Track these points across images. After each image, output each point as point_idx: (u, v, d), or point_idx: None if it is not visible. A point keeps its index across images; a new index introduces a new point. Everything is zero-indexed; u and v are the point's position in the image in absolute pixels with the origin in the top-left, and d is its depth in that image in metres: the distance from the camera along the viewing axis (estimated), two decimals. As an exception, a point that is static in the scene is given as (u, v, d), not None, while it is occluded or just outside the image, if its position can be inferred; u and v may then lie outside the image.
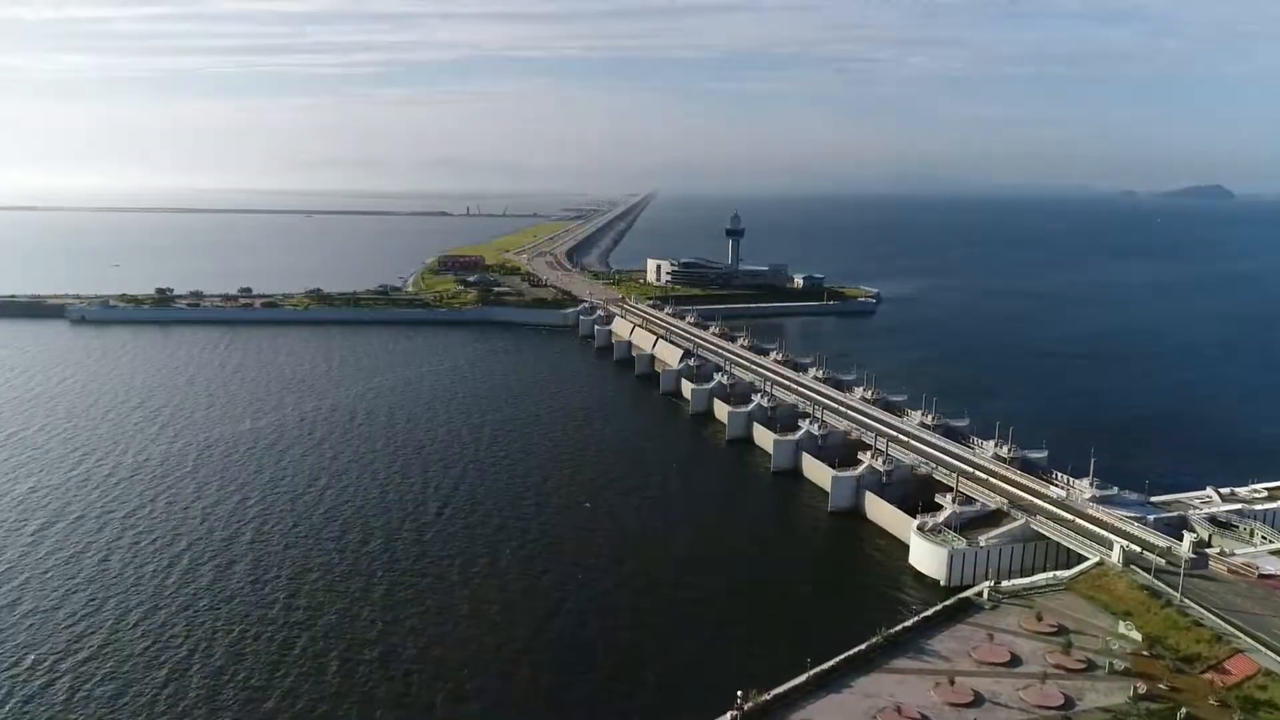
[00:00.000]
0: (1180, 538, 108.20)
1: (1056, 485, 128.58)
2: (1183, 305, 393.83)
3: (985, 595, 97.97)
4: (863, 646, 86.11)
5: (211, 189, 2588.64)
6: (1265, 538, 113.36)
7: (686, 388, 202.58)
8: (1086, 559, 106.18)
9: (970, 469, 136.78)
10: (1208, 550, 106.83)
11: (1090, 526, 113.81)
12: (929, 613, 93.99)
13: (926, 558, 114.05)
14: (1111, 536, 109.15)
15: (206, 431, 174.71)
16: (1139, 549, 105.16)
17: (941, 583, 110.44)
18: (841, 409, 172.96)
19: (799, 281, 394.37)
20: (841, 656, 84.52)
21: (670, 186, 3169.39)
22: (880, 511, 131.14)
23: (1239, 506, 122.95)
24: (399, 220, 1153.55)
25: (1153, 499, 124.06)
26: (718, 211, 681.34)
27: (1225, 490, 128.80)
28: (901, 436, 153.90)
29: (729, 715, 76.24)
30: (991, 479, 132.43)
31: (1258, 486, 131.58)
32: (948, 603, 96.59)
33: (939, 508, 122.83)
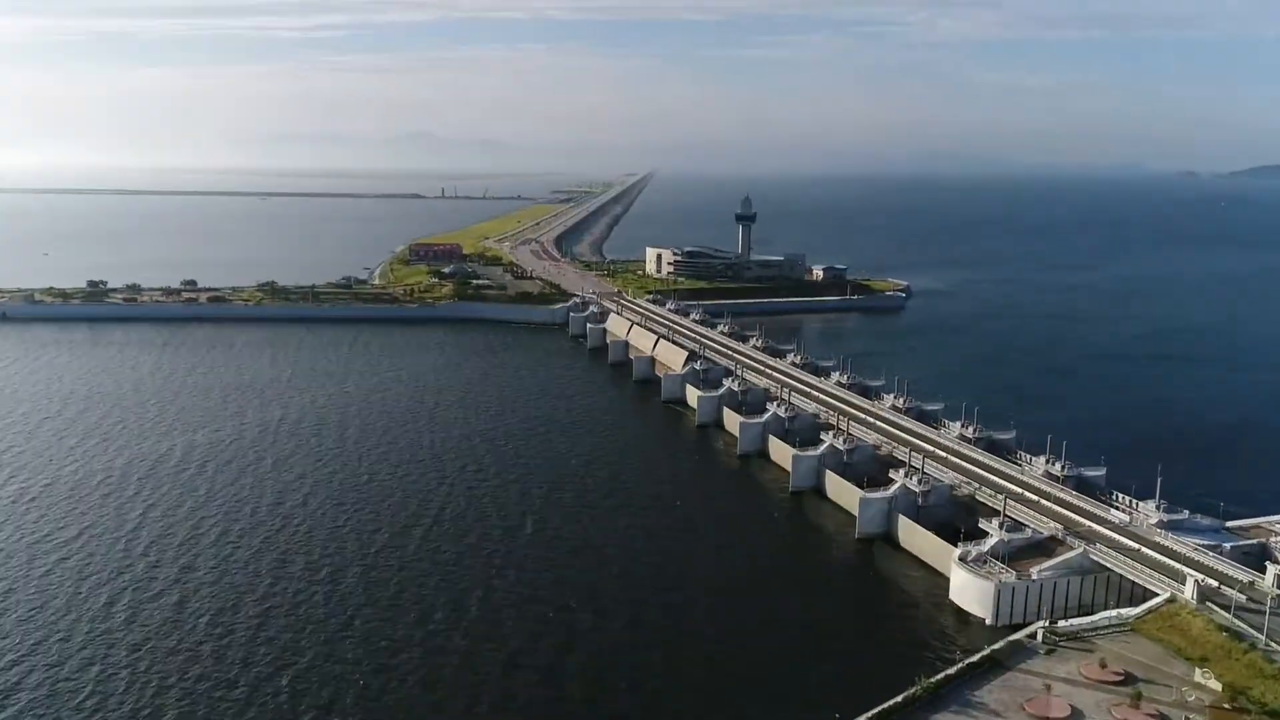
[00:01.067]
0: (1263, 569, 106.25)
1: (1118, 508, 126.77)
2: (1257, 300, 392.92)
3: (1039, 637, 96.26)
4: (899, 699, 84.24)
5: (158, 167, 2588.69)
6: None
7: (692, 395, 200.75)
8: (1155, 595, 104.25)
9: (1018, 490, 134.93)
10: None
11: (1158, 557, 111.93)
12: (975, 658, 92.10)
13: (970, 592, 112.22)
14: (1183, 568, 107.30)
15: (150, 445, 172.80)
16: (1216, 583, 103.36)
17: (988, 622, 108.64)
18: (869, 420, 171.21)
19: (818, 273, 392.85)
20: (875, 710, 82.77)
21: (671, 166, 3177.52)
22: (916, 538, 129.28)
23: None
24: (366, 203, 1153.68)
25: (1228, 524, 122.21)
26: (725, 194, 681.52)
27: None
28: (939, 452, 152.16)
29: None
30: (1043, 501, 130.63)
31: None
32: (996, 646, 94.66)
33: (983, 534, 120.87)
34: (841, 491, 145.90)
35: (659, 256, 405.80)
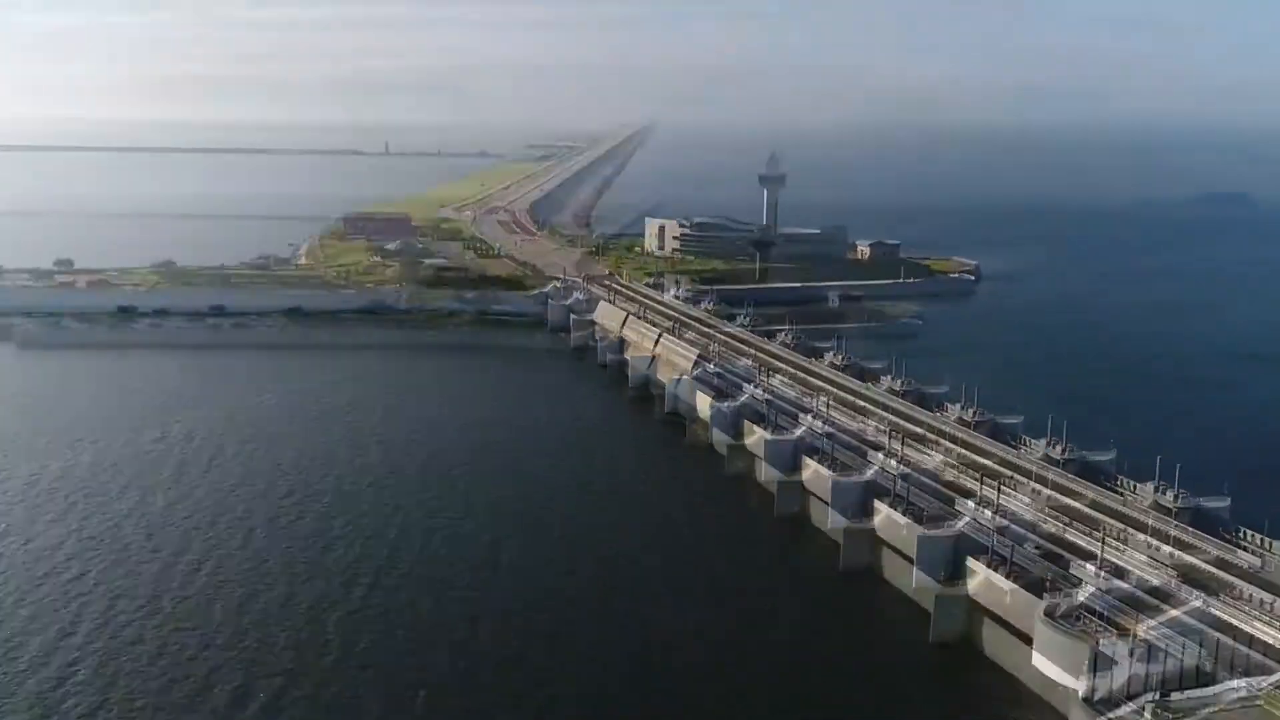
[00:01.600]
0: None
1: (1247, 549, 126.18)
2: None
3: (1147, 714, 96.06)
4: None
5: (27, 116, 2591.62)
6: None
7: (703, 404, 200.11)
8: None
9: (1120, 526, 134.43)
10: None
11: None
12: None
13: (1059, 656, 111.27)
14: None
15: (19, 468, 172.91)
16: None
17: (1081, 694, 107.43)
18: (930, 437, 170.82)
19: (864, 250, 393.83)
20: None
21: (676, 116, 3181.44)
22: (988, 587, 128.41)
23: None
24: (291, 161, 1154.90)
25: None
26: (745, 151, 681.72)
27: None
28: (1018, 478, 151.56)
29: None
30: (1152, 540, 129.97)
31: None
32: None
33: (1076, 582, 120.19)
34: (893, 529, 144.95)
35: (662, 229, 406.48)
